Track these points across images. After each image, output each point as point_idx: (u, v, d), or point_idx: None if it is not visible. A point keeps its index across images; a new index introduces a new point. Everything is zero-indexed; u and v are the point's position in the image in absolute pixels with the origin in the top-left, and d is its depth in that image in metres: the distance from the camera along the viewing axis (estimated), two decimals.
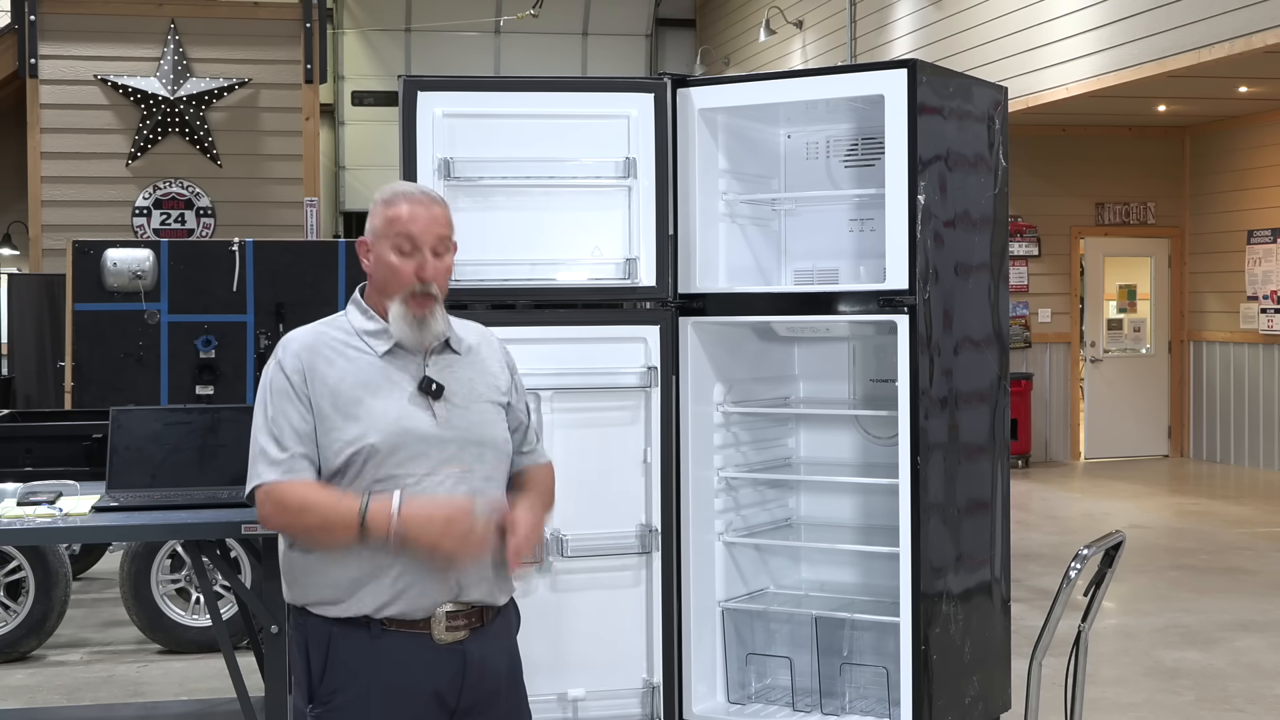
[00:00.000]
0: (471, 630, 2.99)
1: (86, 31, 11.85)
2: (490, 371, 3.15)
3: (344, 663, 2.93)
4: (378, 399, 2.95)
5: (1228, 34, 9.54)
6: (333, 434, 2.93)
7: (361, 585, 2.92)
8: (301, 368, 2.96)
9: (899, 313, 4.32)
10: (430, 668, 2.95)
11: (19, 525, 4.12)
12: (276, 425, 2.95)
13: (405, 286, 3.00)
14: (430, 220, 3.05)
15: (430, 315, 3.02)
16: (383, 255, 3.02)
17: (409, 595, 2.93)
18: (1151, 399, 14.78)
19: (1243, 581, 8.36)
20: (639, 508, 4.59)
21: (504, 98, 4.65)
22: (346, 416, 2.93)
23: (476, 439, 3.03)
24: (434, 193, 3.15)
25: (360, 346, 3.01)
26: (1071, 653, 3.76)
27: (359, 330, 3.03)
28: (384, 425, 2.93)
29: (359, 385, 2.96)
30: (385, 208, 3.04)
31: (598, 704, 4.57)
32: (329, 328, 3.06)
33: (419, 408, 2.97)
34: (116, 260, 9.09)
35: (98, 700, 6.02)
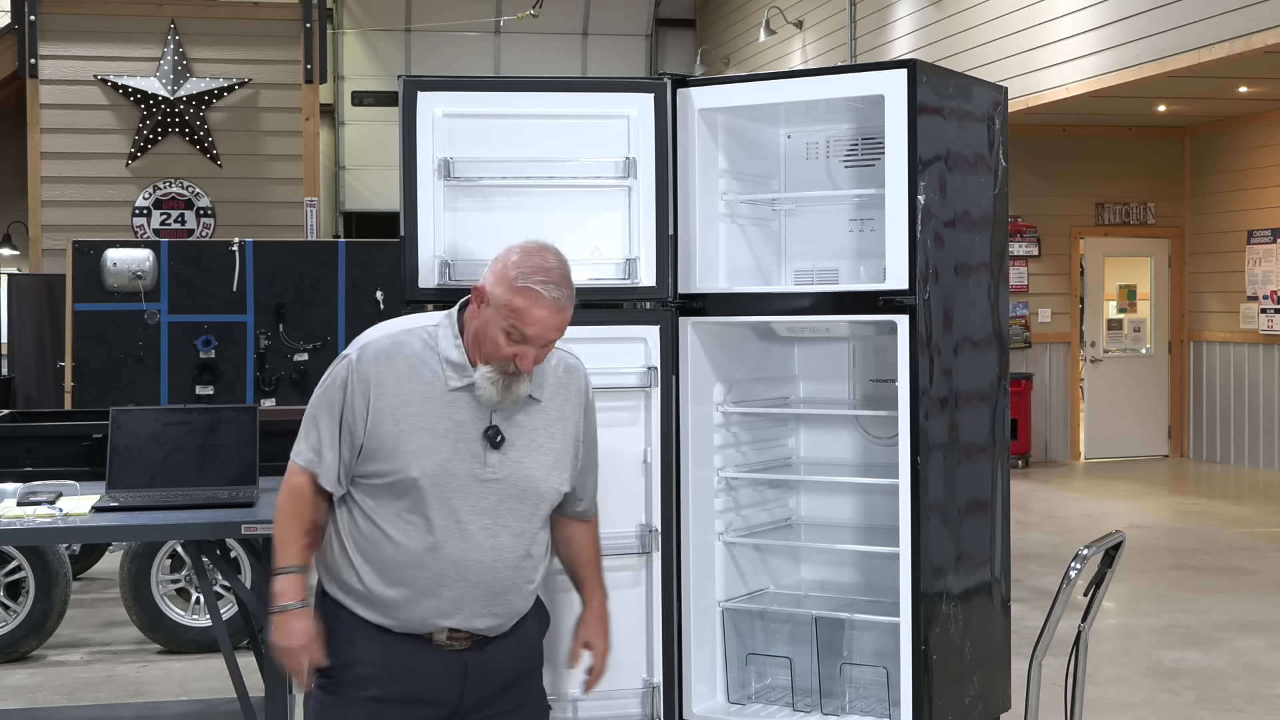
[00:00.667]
0: (474, 643, 3.05)
1: (86, 31, 11.86)
2: (561, 417, 3.13)
3: (349, 646, 3.02)
4: (433, 434, 2.95)
5: (1228, 34, 9.54)
6: (379, 451, 2.95)
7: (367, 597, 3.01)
8: (370, 379, 2.96)
9: (899, 313, 4.32)
10: (428, 672, 3.01)
11: (19, 525, 4.12)
12: (322, 424, 3.01)
13: (501, 362, 2.96)
14: (551, 328, 2.98)
15: (516, 383, 2.99)
16: (491, 326, 2.95)
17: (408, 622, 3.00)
18: (1151, 399, 14.78)
19: (1243, 581, 8.36)
20: (639, 508, 4.58)
21: (504, 98, 4.64)
22: (398, 439, 2.94)
23: (519, 492, 3.02)
24: (565, 289, 3.01)
25: (437, 371, 2.98)
26: (1071, 653, 3.76)
27: (442, 355, 2.99)
28: (431, 463, 2.94)
29: (419, 415, 2.95)
30: (514, 293, 2.93)
31: (598, 704, 4.56)
32: (412, 337, 3.01)
33: (472, 451, 2.97)
34: (116, 260, 9.10)
35: (98, 700, 6.02)
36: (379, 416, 2.94)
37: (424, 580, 2.97)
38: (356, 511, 3.02)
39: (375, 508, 2.99)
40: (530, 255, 2.97)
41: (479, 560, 2.99)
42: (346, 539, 3.03)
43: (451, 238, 4.49)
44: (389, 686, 3.00)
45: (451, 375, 2.97)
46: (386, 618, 3.00)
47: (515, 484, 3.01)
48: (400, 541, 2.97)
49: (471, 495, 2.97)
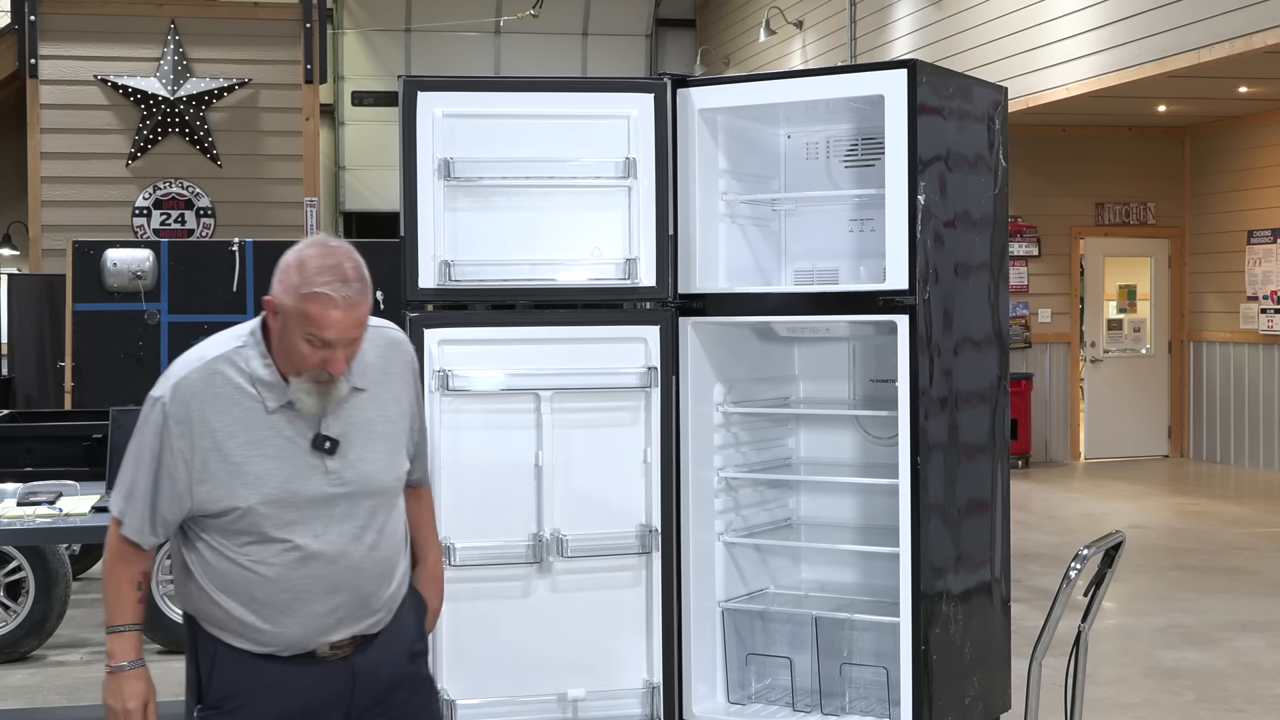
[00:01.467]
0: (356, 647, 2.96)
1: (86, 31, 11.85)
2: (394, 398, 3.01)
3: (229, 678, 2.92)
4: (266, 458, 2.82)
5: (1228, 34, 9.54)
6: (216, 489, 2.82)
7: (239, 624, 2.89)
8: (189, 418, 2.81)
9: (899, 313, 4.32)
10: (315, 682, 2.93)
11: (19, 525, 4.12)
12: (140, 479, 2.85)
13: (310, 371, 2.83)
14: (348, 326, 2.80)
15: (333, 387, 2.86)
16: (290, 337, 2.81)
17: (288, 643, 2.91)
18: (1151, 399, 14.78)
19: (1243, 581, 8.36)
20: (639, 508, 4.59)
21: (504, 98, 4.65)
22: (231, 474, 2.81)
23: (369, 490, 2.92)
24: (356, 283, 2.81)
25: (253, 395, 2.84)
26: (1071, 653, 3.76)
27: (253, 377, 2.85)
28: (271, 488, 2.82)
29: (248, 443, 2.82)
30: (303, 300, 2.77)
31: (598, 704, 4.57)
32: (222, 364, 2.86)
33: (310, 465, 2.85)
34: (116, 260, 9.10)
35: (98, 700, 6.00)
36: (206, 456, 2.80)
37: (295, 602, 2.86)
38: (206, 550, 2.89)
39: (226, 544, 2.86)
40: (312, 257, 2.80)
41: (348, 567, 2.88)
42: (202, 577, 2.90)
43: (451, 238, 4.49)
44: (278, 710, 2.90)
45: (268, 396, 2.84)
46: (264, 645, 2.89)
47: (363, 483, 2.90)
48: (261, 571, 2.85)
49: (322, 507, 2.85)
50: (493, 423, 4.49)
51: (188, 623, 2.99)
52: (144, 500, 2.86)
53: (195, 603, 2.94)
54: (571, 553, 4.53)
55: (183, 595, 2.98)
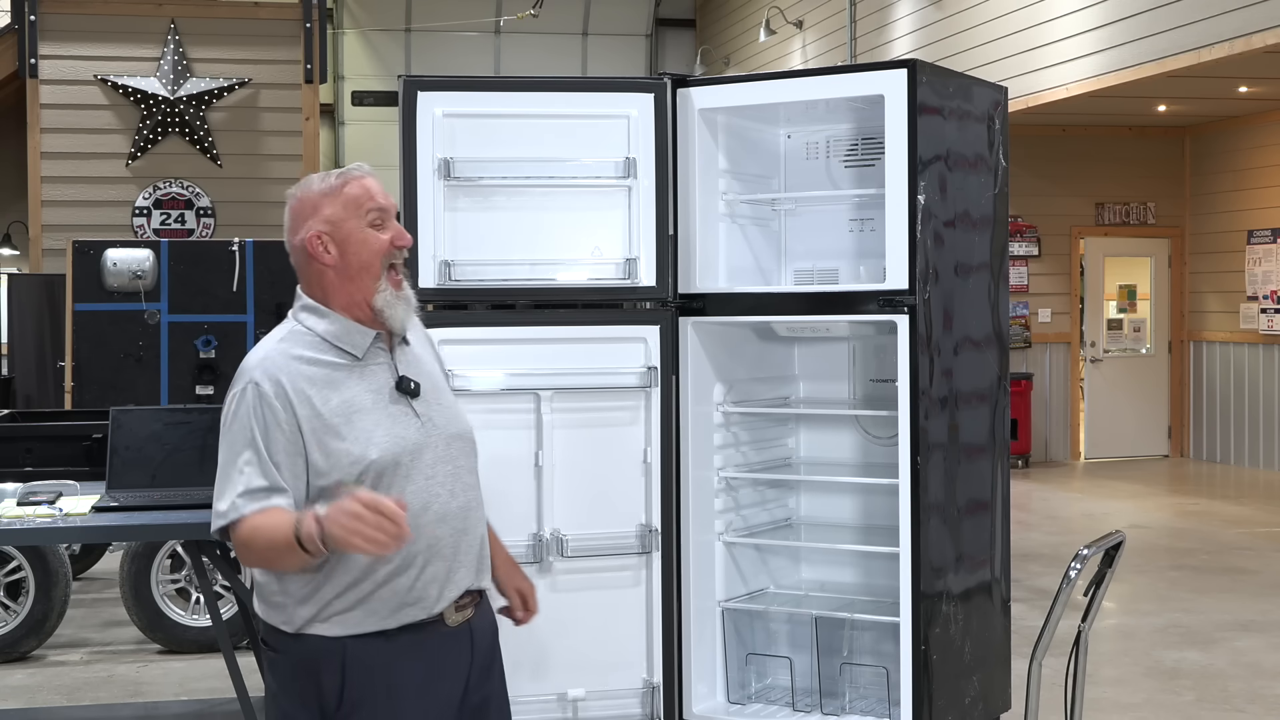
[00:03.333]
0: (475, 607, 2.98)
1: (86, 31, 11.85)
2: (433, 358, 3.09)
3: (362, 673, 2.83)
4: (364, 413, 2.84)
5: (1228, 34, 9.54)
6: (327, 460, 2.80)
7: (374, 594, 2.82)
8: (281, 393, 2.80)
9: (899, 313, 4.32)
10: (444, 654, 2.91)
11: (19, 525, 4.12)
12: (244, 463, 2.81)
13: (385, 259, 2.89)
14: (384, 191, 2.97)
15: (407, 294, 2.94)
16: (352, 241, 2.87)
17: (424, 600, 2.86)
18: (1151, 399, 14.78)
19: (1243, 581, 8.36)
20: (639, 508, 4.59)
21: (504, 98, 4.65)
22: (338, 439, 2.80)
23: (456, 433, 2.97)
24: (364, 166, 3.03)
25: (331, 357, 2.86)
26: (1071, 653, 3.76)
27: (326, 336, 2.88)
28: (379, 440, 2.82)
29: (343, 404, 2.82)
30: (338, 190, 2.90)
31: (598, 704, 4.57)
32: (292, 343, 2.88)
33: (403, 412, 2.88)
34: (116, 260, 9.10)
35: (98, 700, 6.02)
36: (311, 424, 2.80)
37: (426, 552, 2.84)
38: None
39: None
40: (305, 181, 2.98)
41: (459, 508, 2.91)
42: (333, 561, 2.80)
43: (451, 238, 4.49)
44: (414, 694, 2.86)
45: (352, 345, 2.88)
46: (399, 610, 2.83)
47: (448, 425, 2.95)
48: None
49: (426, 450, 2.88)
50: (493, 422, 4.48)
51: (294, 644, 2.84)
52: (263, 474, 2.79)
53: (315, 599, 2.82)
54: (571, 552, 4.53)
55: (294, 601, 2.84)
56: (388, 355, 2.93)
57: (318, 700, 2.83)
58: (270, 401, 2.80)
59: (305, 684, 2.84)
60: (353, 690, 2.82)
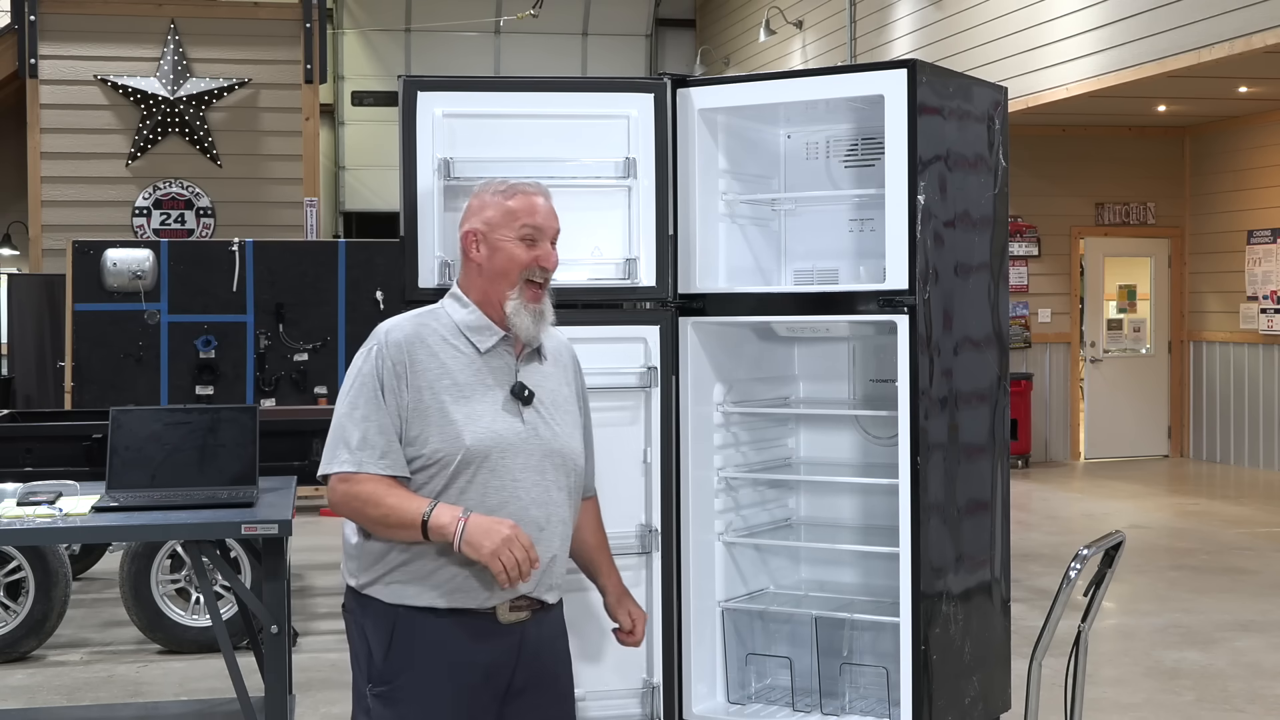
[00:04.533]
0: (533, 613, 3.06)
1: (86, 31, 11.86)
2: (567, 383, 3.20)
3: (406, 645, 2.97)
4: (473, 401, 2.98)
5: (1228, 34, 9.54)
6: (426, 432, 2.95)
7: (435, 573, 2.96)
8: (404, 359, 2.97)
9: (899, 313, 4.32)
10: (489, 643, 2.99)
11: (19, 525, 4.12)
12: (364, 417, 2.96)
13: (524, 273, 3.04)
14: (550, 213, 3.10)
15: (544, 310, 3.08)
16: (501, 249, 3.05)
17: (478, 592, 2.96)
18: (1151, 399, 14.79)
19: (1243, 581, 8.36)
20: (639, 508, 4.58)
21: (504, 98, 4.64)
22: (442, 416, 2.95)
23: (558, 449, 3.07)
24: (543, 186, 3.18)
25: (460, 343, 3.03)
26: (1071, 653, 3.76)
27: (460, 325, 3.05)
28: (478, 429, 2.96)
29: (456, 386, 2.98)
30: (504, 199, 3.08)
31: (598, 704, 4.57)
32: (430, 319, 3.07)
33: (509, 413, 3.01)
34: (116, 260, 9.10)
35: (98, 700, 6.02)
36: (419, 395, 2.96)
37: None
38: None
39: (425, 486, 2.96)
40: (491, 181, 3.15)
41: (536, 517, 3.01)
42: None
43: (451, 238, 4.49)
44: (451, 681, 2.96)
45: (479, 339, 3.04)
46: (454, 592, 2.95)
47: (553, 439, 3.06)
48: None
49: (520, 454, 3.00)
50: None
51: (359, 602, 3.02)
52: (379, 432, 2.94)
53: (382, 563, 2.98)
54: None
55: (365, 559, 2.99)
56: (513, 359, 3.08)
57: (367, 657, 3.01)
58: (390, 365, 2.97)
59: (359, 640, 3.03)
60: (395, 658, 2.97)
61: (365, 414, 2.96)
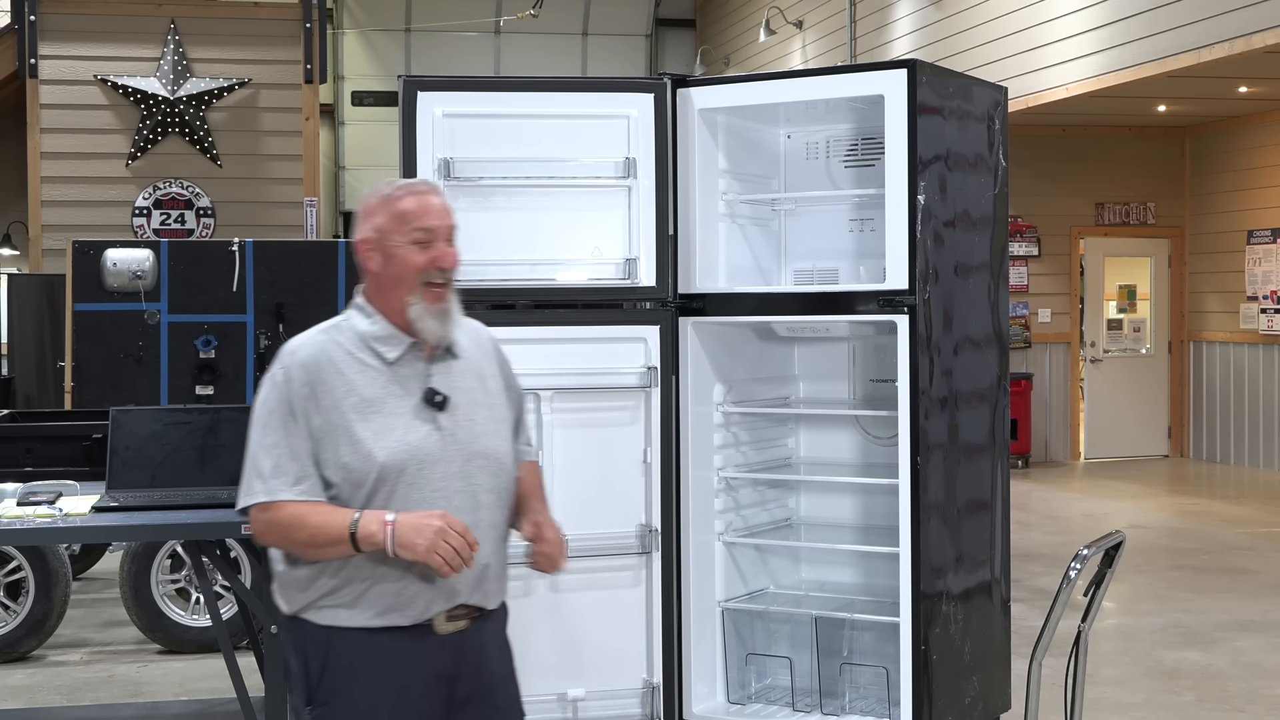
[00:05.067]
0: (472, 620, 2.99)
1: (86, 31, 11.85)
2: (490, 374, 3.10)
3: (342, 664, 2.92)
4: (383, 415, 2.90)
5: (1228, 34, 9.54)
6: (338, 452, 2.88)
7: (363, 596, 2.90)
8: (310, 381, 2.89)
9: (899, 313, 4.32)
10: (427, 655, 2.94)
11: (19, 525, 4.12)
12: (275, 443, 2.88)
13: (422, 277, 2.95)
14: (442, 210, 3.02)
15: (450, 306, 2.99)
16: (396, 251, 2.95)
17: (410, 608, 2.91)
18: (1151, 399, 14.78)
19: (1243, 581, 8.36)
20: (639, 508, 4.59)
21: (504, 98, 4.65)
22: (351, 435, 2.87)
23: (480, 451, 2.98)
24: (433, 183, 3.12)
25: (366, 356, 2.94)
26: (1071, 653, 3.76)
27: (365, 336, 2.96)
28: (390, 443, 2.88)
29: (364, 402, 2.90)
30: (391, 203, 2.98)
31: (598, 704, 4.57)
32: (335, 334, 2.98)
33: (424, 421, 2.92)
34: (116, 260, 9.09)
35: (98, 700, 6.02)
36: (328, 415, 2.88)
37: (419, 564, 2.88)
38: None
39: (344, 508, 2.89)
40: (385, 184, 3.03)
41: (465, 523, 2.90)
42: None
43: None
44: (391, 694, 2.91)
45: (385, 349, 2.94)
46: (386, 612, 2.90)
47: (474, 442, 2.97)
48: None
49: (438, 462, 2.91)
50: None
51: (293, 626, 2.97)
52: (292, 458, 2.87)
53: (311, 589, 2.92)
54: (572, 552, 4.49)
55: (293, 587, 2.95)
56: (424, 365, 2.98)
57: (305, 680, 2.95)
58: (297, 389, 2.89)
59: (298, 663, 2.96)
60: (331, 678, 2.92)
61: (276, 440, 2.88)
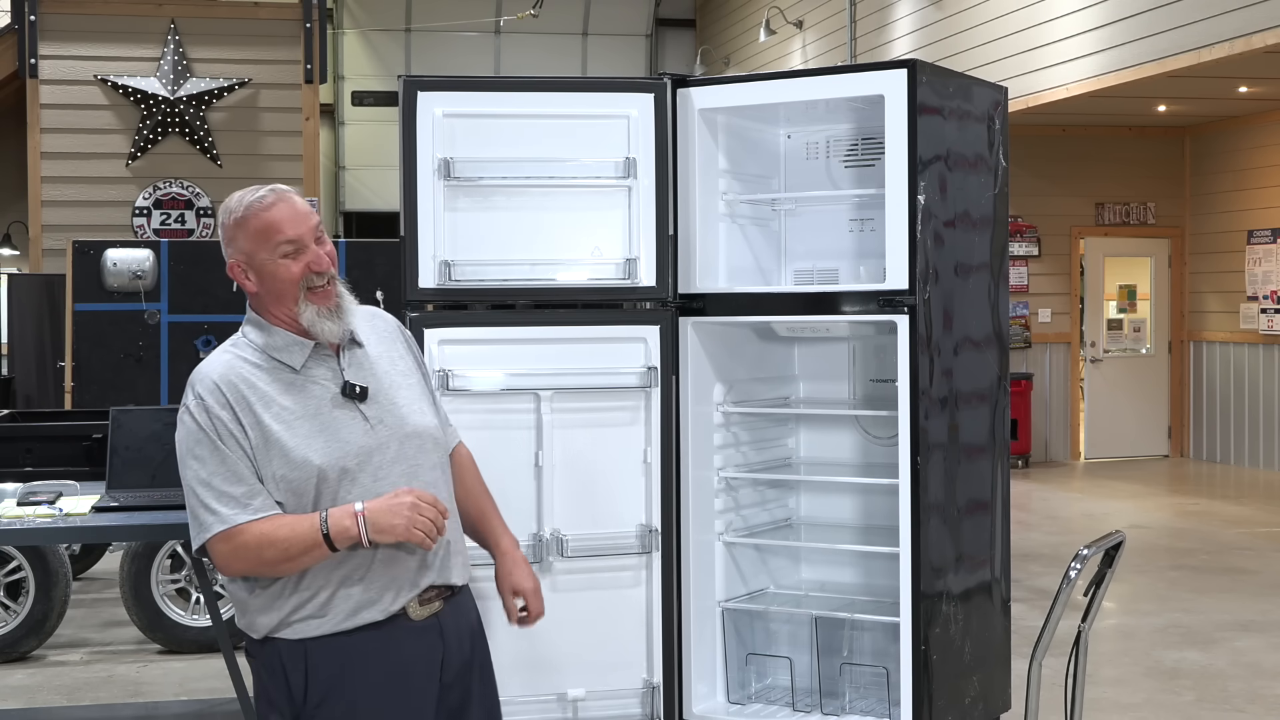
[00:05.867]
0: (445, 601, 3.00)
1: (86, 31, 11.85)
2: (399, 355, 3.10)
3: (324, 674, 2.89)
4: (308, 419, 2.88)
5: (1228, 34, 9.54)
6: (273, 465, 2.84)
7: (330, 602, 2.88)
8: (226, 402, 2.85)
9: (899, 313, 4.32)
10: (410, 643, 2.93)
11: (19, 525, 4.12)
12: (211, 473, 2.83)
13: (302, 284, 2.91)
14: (298, 216, 2.92)
15: (341, 301, 2.96)
16: (267, 267, 2.90)
17: (379, 603, 2.89)
18: (1151, 399, 14.78)
19: (1243, 581, 8.36)
20: (639, 508, 4.58)
21: (504, 98, 4.64)
22: (282, 446, 2.85)
23: (411, 432, 2.97)
24: (279, 186, 2.99)
25: (273, 367, 2.91)
26: (1071, 653, 3.76)
27: (267, 349, 2.93)
28: (322, 444, 2.86)
29: (286, 410, 2.87)
30: (246, 223, 2.90)
31: (598, 704, 4.57)
32: (238, 351, 2.94)
33: (349, 417, 2.91)
34: (116, 260, 9.10)
35: (98, 700, 6.02)
36: (254, 433, 2.84)
37: (378, 557, 2.88)
38: None
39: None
40: (228, 202, 2.97)
41: None
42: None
43: (451, 238, 4.49)
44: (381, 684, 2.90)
45: (291, 356, 2.92)
46: (357, 612, 2.87)
47: (401, 425, 2.95)
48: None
49: (374, 452, 2.90)
50: (493, 422, 4.48)
51: (266, 648, 2.91)
52: (239, 481, 2.83)
53: (276, 608, 2.88)
54: (571, 552, 4.53)
55: (258, 612, 2.90)
56: (333, 361, 2.97)
57: (289, 699, 2.91)
58: (217, 412, 2.85)
59: (276, 684, 2.92)
60: (317, 687, 2.89)
61: (212, 470, 2.83)
